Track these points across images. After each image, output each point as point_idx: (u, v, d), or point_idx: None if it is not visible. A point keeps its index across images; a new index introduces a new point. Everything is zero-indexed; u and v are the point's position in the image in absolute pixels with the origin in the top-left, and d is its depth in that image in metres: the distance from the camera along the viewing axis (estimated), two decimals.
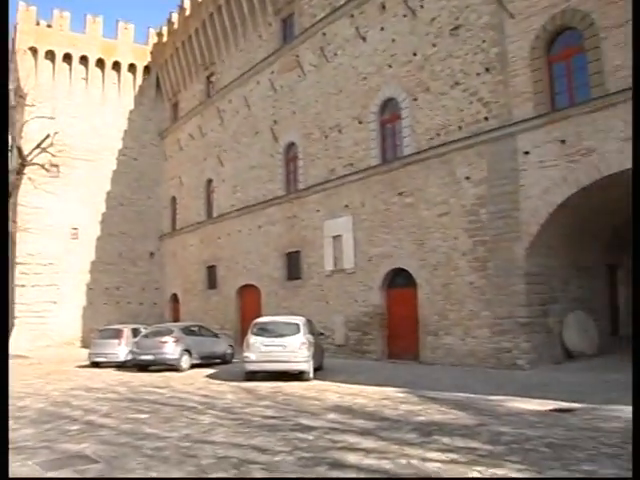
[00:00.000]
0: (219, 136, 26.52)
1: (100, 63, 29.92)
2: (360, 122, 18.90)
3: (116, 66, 30.29)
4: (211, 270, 26.68)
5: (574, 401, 9.40)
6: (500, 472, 5.73)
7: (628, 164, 11.94)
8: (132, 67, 30.74)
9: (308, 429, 7.80)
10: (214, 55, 26.84)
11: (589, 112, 12.75)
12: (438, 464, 5.97)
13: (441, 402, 9.85)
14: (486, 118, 15.06)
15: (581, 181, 12.97)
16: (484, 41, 15.15)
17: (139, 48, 31.13)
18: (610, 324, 17.69)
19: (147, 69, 31.09)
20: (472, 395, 10.47)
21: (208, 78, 27.83)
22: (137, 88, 30.89)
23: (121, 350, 18.13)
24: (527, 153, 13.96)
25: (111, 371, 17.25)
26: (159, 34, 31.20)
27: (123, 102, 30.44)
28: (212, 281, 26.60)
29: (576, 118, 13.04)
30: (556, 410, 8.73)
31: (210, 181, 27.34)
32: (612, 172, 12.39)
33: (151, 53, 31.36)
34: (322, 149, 20.42)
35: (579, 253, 15.78)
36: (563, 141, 13.26)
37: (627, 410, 8.38)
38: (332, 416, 8.83)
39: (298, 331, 13.36)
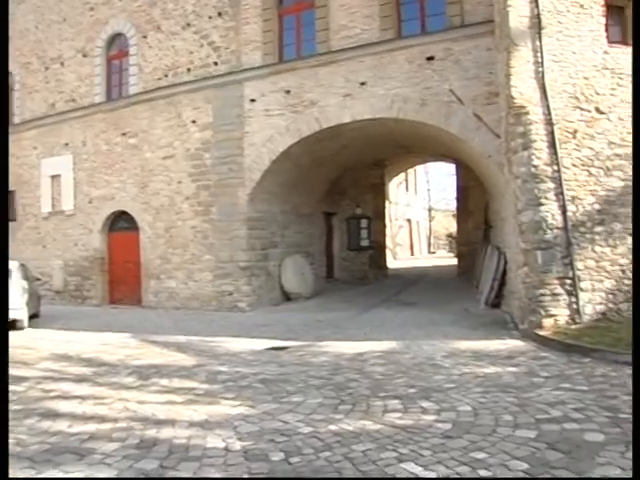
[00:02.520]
0: None
1: None
2: (85, 56, 16.74)
3: None
4: None
5: (289, 339, 9.68)
6: (216, 408, 5.55)
7: (345, 119, 12.80)
8: None
9: (20, 380, 6.84)
10: None
11: (314, 66, 13.15)
12: (155, 405, 5.65)
13: (161, 345, 9.42)
14: (215, 63, 14.52)
15: (303, 132, 13.33)
16: None
17: None
18: (325, 269, 18.95)
19: None
20: (193, 337, 10.18)
21: None
22: None
23: None
24: (253, 101, 13.96)
25: None
26: None
27: None
28: None
29: (301, 71, 13.37)
30: (272, 348, 8.88)
31: None
32: (330, 125, 13.02)
33: None
34: (42, 81, 17.65)
35: (299, 201, 16.47)
36: (288, 92, 13.47)
37: (335, 345, 9.01)
38: (46, 365, 7.90)
39: (10, 277, 11.35)
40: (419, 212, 42.26)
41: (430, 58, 12.06)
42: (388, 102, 12.42)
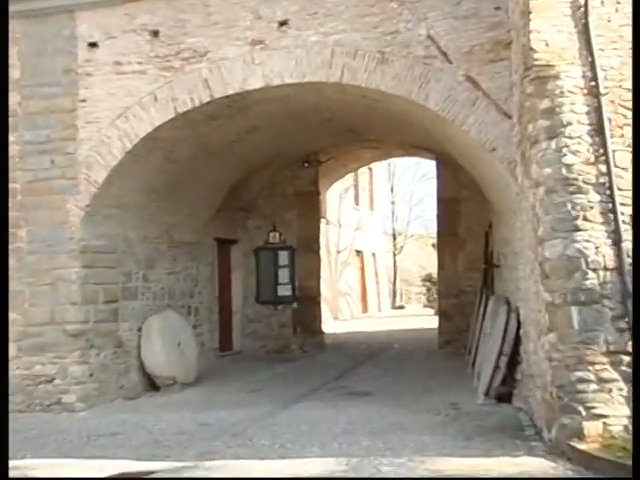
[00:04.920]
0: None
1: None
2: None
3: None
4: None
5: (153, 459, 9.46)
6: None
7: (254, 83, 12.81)
8: None
9: None
10: None
11: None
12: None
13: None
14: None
15: (181, 103, 13.30)
16: None
17: None
18: (219, 335, 18.96)
19: None
20: None
21: None
22: None
23: None
24: (94, 46, 13.73)
25: None
26: None
27: None
28: None
29: None
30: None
31: None
32: (229, 93, 13.04)
33: None
34: None
35: (174, 220, 16.49)
36: (155, 33, 13.48)
37: (233, 468, 8.79)
38: None
39: None
40: (377, 239, 42.66)
41: None
42: (326, 56, 12.33)
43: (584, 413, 8.83)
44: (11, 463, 9.17)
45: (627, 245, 9.16)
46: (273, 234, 20.34)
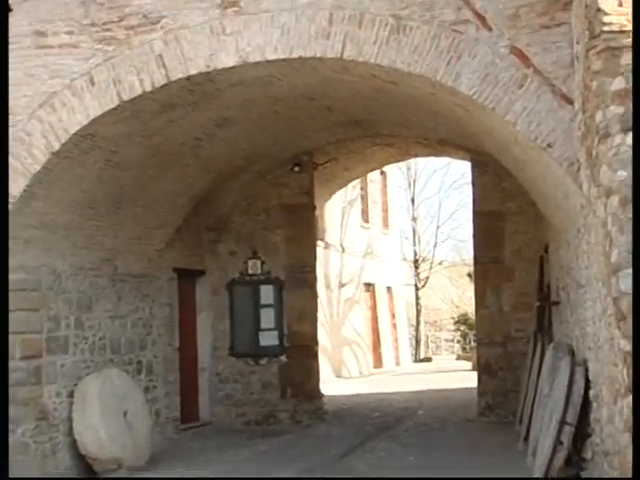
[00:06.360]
0: None
1: None
2: None
3: None
4: None
5: None
6: None
7: (226, 59, 12.96)
8: None
9: None
10: None
11: None
12: None
13: None
14: None
15: (127, 86, 13.44)
16: None
17: None
18: (180, 400, 18.95)
19: None
20: None
21: None
22: None
23: None
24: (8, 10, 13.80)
25: None
26: None
27: None
28: None
29: None
30: None
31: None
32: (191, 73, 13.13)
33: None
34: None
35: (119, 244, 16.64)
36: None
37: None
38: None
39: None
40: (394, 268, 42.56)
41: None
42: (321, 22, 12.39)
43: None
44: None
45: None
46: (253, 262, 20.35)
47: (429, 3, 11.94)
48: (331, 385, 25.89)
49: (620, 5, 9.56)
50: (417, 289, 46.61)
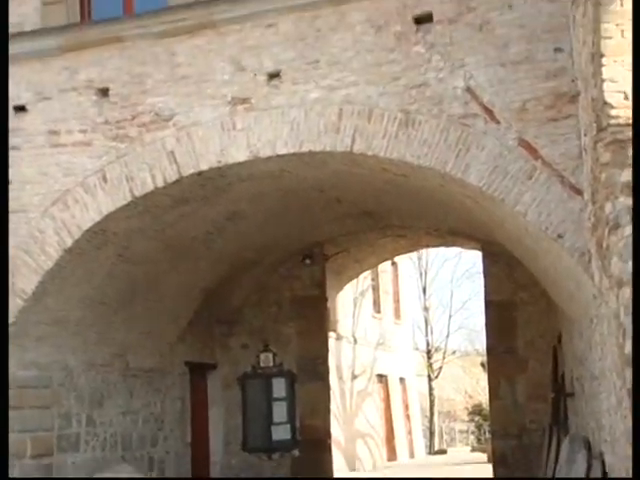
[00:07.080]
0: None
1: None
2: None
3: None
4: None
5: None
6: None
7: (237, 155, 13.02)
8: None
9: None
10: None
11: (162, 36, 13.47)
12: None
13: None
14: None
15: (140, 183, 13.53)
16: None
17: None
18: None
19: None
20: None
21: None
22: None
23: None
24: (22, 110, 14.14)
25: None
26: None
27: None
28: None
29: (136, 44, 13.62)
30: None
31: None
32: (203, 168, 13.18)
33: None
34: None
35: (131, 339, 16.53)
36: (105, 90, 13.93)
37: None
38: None
39: None
40: (406, 359, 42.38)
41: (421, 19, 12.24)
42: (330, 117, 12.47)
43: None
44: None
45: None
46: (265, 355, 20.30)
47: (437, 97, 12.03)
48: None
49: (626, 98, 9.65)
50: (430, 380, 46.33)
